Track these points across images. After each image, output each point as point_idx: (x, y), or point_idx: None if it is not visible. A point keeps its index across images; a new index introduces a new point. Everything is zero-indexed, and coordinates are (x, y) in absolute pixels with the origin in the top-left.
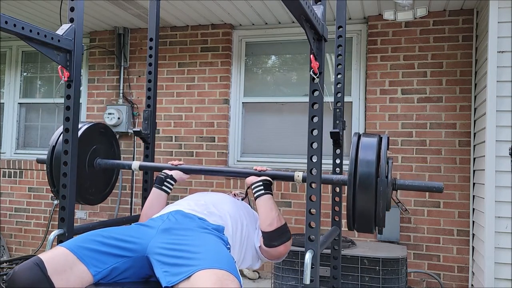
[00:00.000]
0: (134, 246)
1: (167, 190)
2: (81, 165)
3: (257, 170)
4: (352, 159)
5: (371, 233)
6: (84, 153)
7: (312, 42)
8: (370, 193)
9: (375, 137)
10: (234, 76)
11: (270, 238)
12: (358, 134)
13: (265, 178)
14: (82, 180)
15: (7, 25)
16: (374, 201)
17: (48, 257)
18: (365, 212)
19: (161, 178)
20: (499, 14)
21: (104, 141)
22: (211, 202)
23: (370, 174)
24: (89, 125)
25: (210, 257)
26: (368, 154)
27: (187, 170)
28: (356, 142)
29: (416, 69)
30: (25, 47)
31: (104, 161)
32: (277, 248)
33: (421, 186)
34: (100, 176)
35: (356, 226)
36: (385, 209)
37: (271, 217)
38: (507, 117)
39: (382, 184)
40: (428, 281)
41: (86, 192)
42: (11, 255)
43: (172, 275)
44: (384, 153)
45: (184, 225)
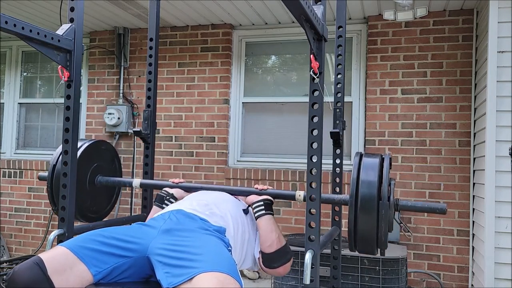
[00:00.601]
0: (135, 246)
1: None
2: (82, 183)
3: (258, 189)
4: (354, 180)
5: (373, 254)
6: (85, 171)
7: (312, 42)
8: (372, 216)
9: (377, 157)
10: (234, 76)
11: (270, 260)
12: (360, 154)
13: (266, 198)
14: (83, 198)
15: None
16: (376, 224)
17: (48, 256)
18: (366, 234)
19: (161, 196)
20: (499, 14)
21: (105, 158)
22: (213, 201)
23: (371, 196)
24: (90, 143)
25: (211, 259)
26: (369, 175)
27: (188, 188)
28: (358, 162)
29: (416, 69)
30: (25, 47)
31: (105, 179)
32: (276, 269)
33: (424, 208)
34: (102, 193)
35: (358, 248)
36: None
37: (271, 239)
38: (507, 117)
39: (384, 207)
40: (428, 281)
41: (87, 210)
42: (11, 255)
43: (173, 277)
44: (386, 174)
45: (185, 226)
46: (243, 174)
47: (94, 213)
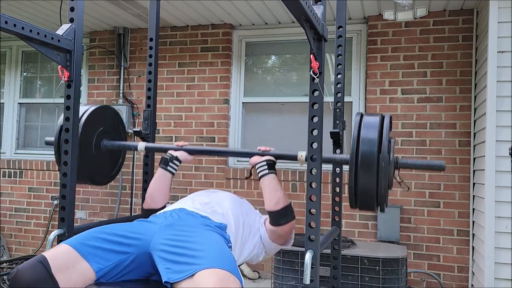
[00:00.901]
0: (137, 242)
1: (172, 171)
2: (88, 146)
3: (261, 150)
4: (354, 138)
5: (373, 210)
6: (91, 134)
7: (312, 42)
8: (372, 171)
9: (378, 116)
10: (234, 76)
11: (277, 217)
12: (361, 113)
13: (269, 158)
14: (89, 161)
15: (7, 25)
16: (376, 178)
17: (52, 254)
18: (367, 189)
19: (166, 159)
20: (499, 14)
21: (111, 124)
22: (215, 200)
23: (371, 152)
24: (95, 108)
25: (212, 256)
26: (370, 133)
27: (192, 151)
28: (359, 121)
29: (416, 69)
30: (25, 47)
31: (110, 143)
32: (283, 226)
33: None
34: (107, 157)
35: (358, 204)
36: (387, 186)
37: (277, 197)
38: (507, 117)
39: (384, 160)
40: (428, 281)
41: (94, 174)
42: (11, 255)
43: (175, 273)
44: (386, 132)
45: (187, 222)
46: (243, 174)
47: (100, 176)
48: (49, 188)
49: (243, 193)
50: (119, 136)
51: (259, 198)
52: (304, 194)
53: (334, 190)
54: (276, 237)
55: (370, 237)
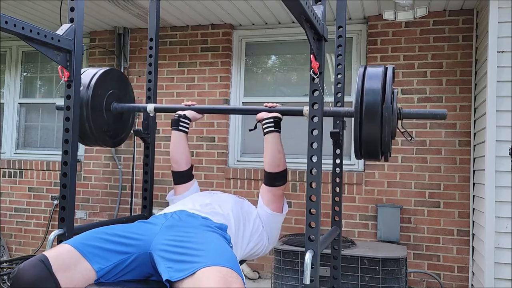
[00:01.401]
0: (138, 242)
1: (184, 130)
2: (99, 108)
3: (268, 107)
4: (359, 89)
5: (377, 160)
6: (101, 96)
7: (312, 42)
8: (376, 120)
9: (381, 67)
10: (234, 76)
11: (275, 179)
12: (364, 66)
13: (276, 115)
14: (100, 124)
15: (7, 25)
16: (380, 128)
17: (53, 254)
18: (371, 139)
19: (176, 119)
20: (499, 14)
21: (120, 87)
22: (215, 202)
23: (375, 102)
24: (105, 70)
25: (213, 254)
26: (373, 83)
27: (200, 110)
28: (362, 72)
29: (416, 69)
30: (25, 47)
31: (120, 105)
32: (279, 187)
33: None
34: (118, 119)
35: (363, 154)
36: (391, 135)
37: (278, 159)
38: (507, 117)
39: (387, 110)
40: (428, 281)
41: (105, 135)
42: (11, 255)
43: (176, 271)
44: (390, 82)
45: (187, 223)
46: (243, 174)
47: (111, 138)
48: (49, 188)
49: (243, 193)
50: (128, 98)
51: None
52: (304, 194)
53: (334, 190)
54: (271, 199)
55: (370, 237)
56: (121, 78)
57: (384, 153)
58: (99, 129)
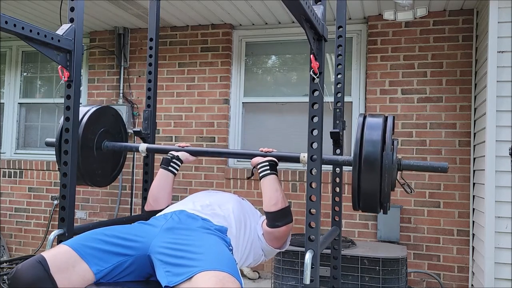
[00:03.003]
0: (137, 244)
1: (173, 171)
2: (89, 146)
3: (263, 151)
4: (358, 139)
5: (376, 212)
6: (92, 134)
7: (312, 42)
8: (375, 171)
9: (381, 117)
10: (234, 76)
11: (274, 218)
12: (364, 114)
13: (271, 159)
14: (90, 162)
15: (7, 25)
16: (379, 178)
17: (51, 255)
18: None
19: (167, 159)
20: (499, 14)
21: (113, 125)
22: (216, 202)
23: (375, 152)
24: (98, 108)
25: (211, 258)
26: (373, 134)
27: (194, 152)
28: (362, 122)
29: (416, 69)
30: (25, 47)
31: (112, 144)
32: (280, 228)
33: (426, 166)
34: (108, 158)
35: (361, 205)
36: (390, 186)
37: (276, 197)
38: (507, 117)
39: (388, 159)
40: (428, 281)
41: (94, 174)
42: (11, 255)
43: (174, 275)
44: (390, 133)
45: (187, 225)
46: (243, 174)
47: (101, 177)
48: (49, 188)
49: (243, 193)
50: (121, 137)
51: (259, 198)
52: (304, 194)
53: (334, 190)
54: (272, 239)
55: (370, 237)
56: (114, 115)
57: (383, 204)
58: (88, 169)
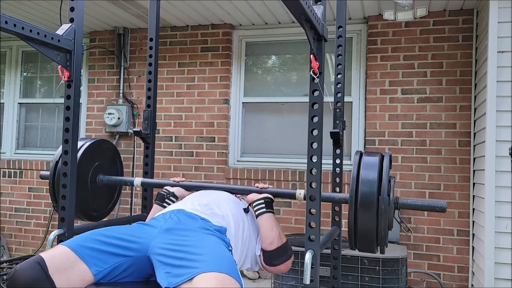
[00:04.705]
0: (136, 245)
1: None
2: (83, 181)
3: (259, 188)
4: (354, 178)
5: (373, 252)
6: (86, 169)
7: (312, 42)
8: (372, 213)
9: (377, 155)
10: (234, 76)
11: (271, 257)
12: (360, 152)
13: (267, 196)
14: (84, 197)
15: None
16: (375, 220)
17: (49, 255)
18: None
19: (162, 195)
20: (499, 14)
21: (107, 157)
22: (214, 201)
23: (371, 193)
24: (91, 142)
25: (211, 259)
26: (369, 174)
27: (189, 187)
28: (358, 161)
29: (416, 69)
30: (25, 47)
31: (106, 178)
32: (277, 267)
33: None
34: (103, 192)
35: (358, 246)
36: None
37: (271, 236)
38: (507, 117)
39: (384, 203)
40: (428, 281)
41: (88, 209)
42: (11, 255)
43: (174, 277)
44: (386, 172)
45: (186, 226)
46: (243, 174)
47: (95, 212)
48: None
49: None
50: (116, 168)
51: None
52: None
53: (334, 190)
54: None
55: None
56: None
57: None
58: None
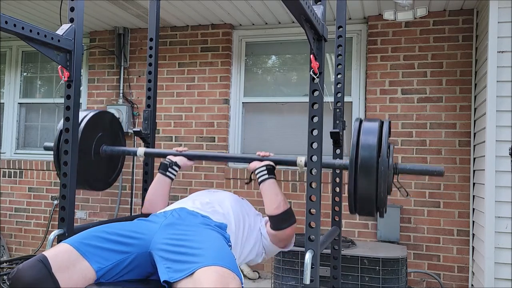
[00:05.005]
0: (137, 241)
1: (171, 176)
2: (87, 151)
3: (260, 155)
4: (354, 144)
5: (372, 216)
6: (90, 139)
7: (312, 42)
8: (371, 175)
9: (377, 121)
10: (234, 76)
11: (278, 221)
12: (360, 119)
13: (268, 163)
14: (88, 167)
15: (7, 25)
16: (375, 183)
17: (52, 254)
18: (366, 195)
19: (165, 164)
20: (499, 14)
21: (110, 129)
22: (216, 200)
23: (371, 157)
24: (95, 113)
25: (212, 254)
26: (369, 139)
27: (191, 156)
28: (358, 127)
29: (416, 69)
30: (25, 47)
31: (109, 148)
32: (285, 230)
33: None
34: (106, 163)
35: (358, 210)
36: (386, 191)
37: (277, 201)
38: (507, 117)
39: (383, 164)
40: (428, 281)
41: (92, 179)
42: (11, 255)
43: (175, 272)
44: (386, 137)
45: (187, 222)
46: (243, 174)
47: (99, 181)
48: (49, 188)
49: (243, 193)
50: (119, 141)
51: (259, 198)
52: (304, 194)
53: (334, 190)
54: (277, 240)
55: (370, 237)
56: (111, 120)
57: (380, 209)
58: (87, 174)
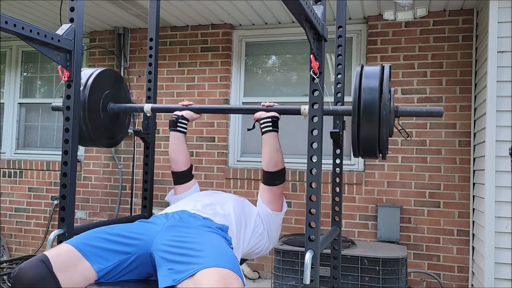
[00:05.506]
0: (139, 242)
1: (182, 130)
2: (96, 110)
3: (265, 105)
4: (356, 88)
5: (375, 157)
6: (97, 97)
7: (312, 42)
8: (374, 118)
9: (378, 66)
10: (234, 76)
11: (274, 177)
12: (362, 64)
13: (274, 115)
14: (97, 124)
15: (7, 25)
16: (377, 126)
17: (53, 254)
18: (369, 137)
19: (173, 120)
20: (499, 14)
21: (115, 87)
22: (217, 202)
23: (373, 101)
24: (101, 71)
25: (213, 255)
26: (371, 82)
27: (197, 110)
28: (360, 71)
29: (416, 69)
30: (25, 47)
31: (116, 105)
32: (278, 186)
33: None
34: (114, 120)
35: (361, 152)
36: (388, 134)
37: (276, 158)
38: (507, 117)
39: (385, 109)
40: (428, 281)
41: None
42: (11, 255)
43: (177, 273)
44: (387, 81)
45: (188, 223)
46: (243, 174)
47: (108, 138)
48: (49, 188)
49: (243, 193)
50: (124, 98)
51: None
52: (304, 194)
53: (334, 190)
54: (269, 198)
55: (370, 237)
56: (116, 78)
57: (382, 151)
58: (96, 130)
